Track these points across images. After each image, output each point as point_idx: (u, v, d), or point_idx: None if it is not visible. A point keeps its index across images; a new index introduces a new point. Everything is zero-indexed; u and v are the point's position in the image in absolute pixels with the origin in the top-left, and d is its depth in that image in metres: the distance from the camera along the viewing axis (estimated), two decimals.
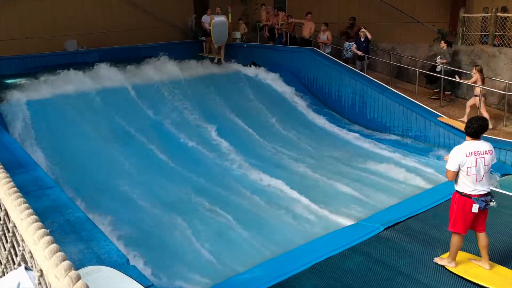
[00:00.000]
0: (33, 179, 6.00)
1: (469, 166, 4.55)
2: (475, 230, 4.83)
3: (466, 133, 4.65)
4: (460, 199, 4.68)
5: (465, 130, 4.65)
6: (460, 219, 4.71)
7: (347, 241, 5.76)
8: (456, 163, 4.57)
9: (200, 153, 9.70)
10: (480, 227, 4.79)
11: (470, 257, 5.17)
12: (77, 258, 4.13)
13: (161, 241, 6.54)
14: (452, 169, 4.61)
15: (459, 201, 4.69)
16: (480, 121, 4.58)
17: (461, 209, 4.68)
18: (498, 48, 11.31)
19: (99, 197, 7.53)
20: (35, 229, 1.86)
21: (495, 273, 4.88)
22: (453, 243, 4.91)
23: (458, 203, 4.71)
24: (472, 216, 4.68)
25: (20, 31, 14.14)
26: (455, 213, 4.75)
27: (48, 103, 9.85)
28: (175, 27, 17.36)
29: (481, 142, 4.64)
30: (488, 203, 4.64)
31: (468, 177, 4.58)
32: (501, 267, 5.00)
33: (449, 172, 4.67)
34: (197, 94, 11.77)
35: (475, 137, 4.61)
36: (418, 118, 10.44)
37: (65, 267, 1.56)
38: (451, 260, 5.01)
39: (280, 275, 5.06)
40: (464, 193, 4.65)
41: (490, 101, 11.28)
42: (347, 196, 7.91)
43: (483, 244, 4.84)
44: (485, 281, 4.75)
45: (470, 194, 4.61)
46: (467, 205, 4.63)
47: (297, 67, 13.65)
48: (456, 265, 5.00)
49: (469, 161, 4.54)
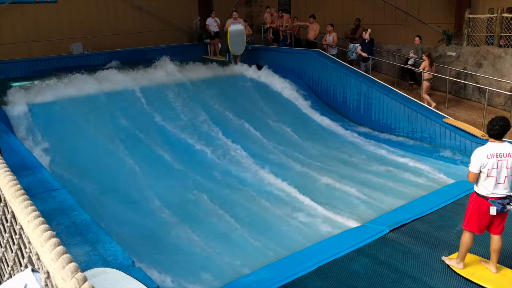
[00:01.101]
0: (39, 182, 6.03)
1: (490, 168, 4.50)
2: (490, 232, 4.80)
3: (489, 135, 4.60)
4: (477, 200, 4.67)
5: (488, 132, 4.61)
6: (474, 219, 4.70)
7: (352, 243, 5.74)
8: (477, 165, 4.53)
9: (206, 155, 9.71)
10: (496, 230, 4.74)
11: (480, 258, 5.14)
12: (83, 260, 4.14)
13: (167, 243, 6.55)
14: (473, 170, 4.57)
15: (476, 201, 4.69)
16: (502, 121, 4.52)
17: (476, 209, 4.67)
18: (504, 49, 11.26)
19: (105, 199, 7.56)
20: (42, 231, 1.87)
21: (503, 276, 4.84)
22: (463, 241, 4.88)
23: (474, 203, 4.70)
24: (488, 218, 4.65)
25: (26, 35, 14.24)
26: (470, 212, 4.75)
27: (54, 106, 9.90)
28: (180, 30, 17.43)
29: (505, 144, 4.58)
30: (505, 206, 4.58)
31: (488, 178, 4.53)
32: (509, 270, 4.96)
33: (470, 173, 4.63)
34: (203, 96, 11.79)
35: (498, 139, 4.56)
36: (424, 119, 10.40)
37: (72, 269, 1.57)
38: (459, 260, 4.99)
39: (285, 277, 5.05)
40: (481, 195, 4.62)
41: (496, 102, 11.24)
42: (352, 198, 7.89)
43: (495, 248, 4.79)
44: (492, 284, 4.71)
45: (487, 196, 4.58)
46: (483, 206, 4.62)
47: (302, 69, 13.65)
48: (464, 266, 4.97)
49: (490, 162, 4.49)
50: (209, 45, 16.12)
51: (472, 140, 9.32)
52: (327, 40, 13.93)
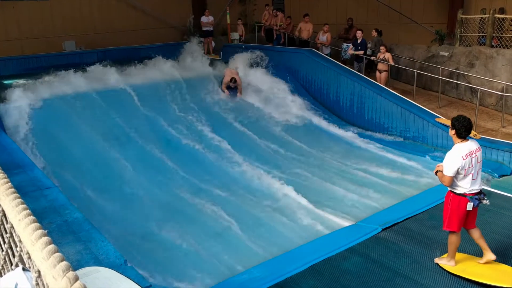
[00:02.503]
0: (31, 180, 6.00)
1: (467, 167, 4.61)
2: (466, 227, 4.91)
3: (458, 136, 4.65)
4: (455, 198, 4.74)
5: (457, 134, 4.64)
6: (454, 218, 4.78)
7: (345, 242, 5.76)
8: (454, 168, 4.59)
9: (198, 153, 9.71)
10: (471, 224, 4.90)
11: (470, 257, 5.19)
12: (75, 259, 4.13)
13: (160, 242, 6.53)
14: (450, 174, 4.63)
15: (454, 200, 4.76)
16: (465, 121, 4.60)
17: (455, 208, 4.75)
18: (496, 49, 11.34)
19: (97, 198, 7.53)
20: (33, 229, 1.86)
21: (493, 270, 4.92)
22: (450, 241, 4.96)
23: (452, 202, 4.77)
24: (465, 214, 4.76)
25: (19, 32, 14.14)
26: (449, 212, 4.81)
27: (46, 104, 9.84)
28: (174, 28, 17.38)
29: (470, 141, 4.70)
30: (481, 201, 4.73)
31: (465, 177, 4.64)
32: (499, 264, 5.03)
33: (446, 177, 4.67)
34: (196, 94, 11.77)
35: (464, 138, 4.66)
36: (416, 119, 10.45)
37: (63, 268, 1.56)
38: (450, 259, 5.05)
39: (278, 276, 5.06)
40: (460, 193, 4.71)
41: (488, 102, 11.31)
42: (345, 197, 7.91)
43: (477, 236, 4.92)
44: (483, 278, 4.78)
45: (466, 194, 4.69)
46: (461, 203, 4.71)
47: (295, 68, 13.65)
48: (455, 264, 5.02)
49: (467, 162, 4.59)
50: (203, 43, 16.09)
51: None
52: (320, 39, 13.95)
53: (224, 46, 16.01)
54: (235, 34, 16.19)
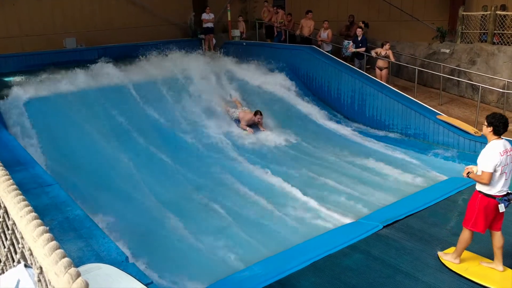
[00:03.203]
0: (32, 177, 6.00)
1: (504, 165, 4.48)
2: (492, 229, 4.79)
3: (494, 133, 4.53)
4: (484, 200, 4.60)
5: (494, 131, 4.51)
6: (481, 219, 4.64)
7: (346, 239, 5.76)
8: (493, 164, 4.44)
9: (198, 151, 9.72)
10: (498, 226, 4.76)
11: (474, 256, 5.17)
12: (77, 256, 4.13)
13: (161, 239, 6.54)
14: (490, 170, 4.46)
15: (482, 201, 4.61)
16: (503, 118, 4.49)
17: (483, 209, 4.61)
18: (497, 46, 11.32)
19: (98, 195, 7.53)
20: (35, 226, 1.86)
21: (496, 273, 4.86)
22: (463, 239, 4.86)
23: (480, 203, 4.62)
24: (493, 216, 4.64)
25: (19, 29, 14.12)
26: (476, 213, 4.66)
27: (47, 101, 9.83)
28: (175, 25, 17.35)
29: (504, 139, 4.59)
30: (510, 201, 4.61)
31: (501, 177, 4.50)
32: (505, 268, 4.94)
33: (486, 174, 4.49)
34: (196, 92, 11.75)
35: (499, 136, 4.55)
36: (417, 116, 10.44)
37: (65, 264, 1.56)
38: (456, 256, 4.99)
39: (279, 273, 5.06)
40: (490, 194, 4.57)
41: (489, 99, 11.30)
42: (346, 194, 7.90)
43: (499, 245, 4.80)
44: (485, 280, 4.74)
45: (495, 195, 4.56)
46: (490, 205, 4.58)
47: (296, 65, 13.64)
48: (459, 262, 4.98)
49: (504, 160, 4.47)
50: (203, 40, 16.07)
51: (465, 137, 9.38)
52: (321, 37, 13.93)
53: (225, 43, 16.00)
54: (236, 31, 16.18)
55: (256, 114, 10.89)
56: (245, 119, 10.95)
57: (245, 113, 11.05)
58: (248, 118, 10.94)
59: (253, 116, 10.87)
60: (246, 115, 10.97)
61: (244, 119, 10.94)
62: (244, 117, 10.96)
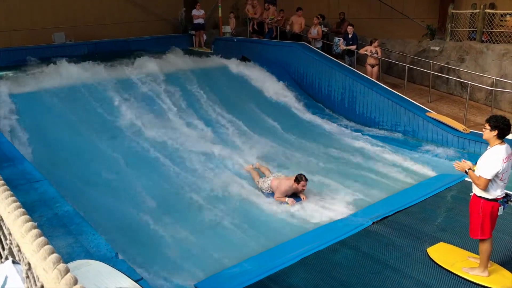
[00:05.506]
0: (21, 173, 5.94)
1: (505, 171, 4.39)
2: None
3: (499, 137, 4.39)
4: (487, 205, 4.47)
5: (499, 134, 4.37)
6: (487, 225, 4.51)
7: (336, 235, 5.80)
8: (494, 172, 4.31)
9: (189, 147, 9.67)
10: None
11: (462, 251, 5.22)
12: (66, 252, 4.10)
13: (150, 235, 6.52)
14: (489, 177, 4.33)
15: (486, 207, 4.47)
16: (507, 121, 4.35)
17: (489, 214, 4.48)
18: (486, 44, 11.42)
19: (88, 191, 7.47)
20: (23, 222, 1.84)
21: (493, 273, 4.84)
22: (484, 250, 4.67)
23: (485, 209, 4.48)
24: (496, 218, 4.58)
25: (7, 23, 13.95)
26: (481, 220, 4.51)
27: (35, 96, 9.73)
28: (165, 21, 17.27)
29: (506, 144, 4.45)
30: (508, 203, 4.55)
31: (500, 182, 4.41)
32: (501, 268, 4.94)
33: (483, 180, 4.35)
34: (186, 88, 11.71)
35: (503, 140, 4.42)
36: (407, 113, 10.51)
37: (54, 260, 1.55)
38: (483, 269, 4.75)
39: (269, 269, 5.08)
40: (492, 199, 4.45)
41: (478, 96, 11.41)
42: (335, 191, 7.93)
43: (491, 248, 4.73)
44: (472, 276, 4.79)
45: (497, 198, 4.46)
46: (494, 209, 4.48)
47: (287, 62, 13.64)
48: (488, 274, 4.76)
49: (505, 167, 4.37)
50: (194, 36, 16.01)
51: (454, 134, 9.46)
52: (312, 33, 13.94)
53: (215, 39, 15.95)
54: (227, 27, 16.13)
55: (301, 181, 7.60)
56: (281, 189, 7.77)
57: (281, 180, 7.92)
58: (287, 187, 7.76)
59: (294, 183, 7.65)
60: (283, 183, 7.80)
61: (280, 190, 7.77)
62: (280, 187, 7.78)
